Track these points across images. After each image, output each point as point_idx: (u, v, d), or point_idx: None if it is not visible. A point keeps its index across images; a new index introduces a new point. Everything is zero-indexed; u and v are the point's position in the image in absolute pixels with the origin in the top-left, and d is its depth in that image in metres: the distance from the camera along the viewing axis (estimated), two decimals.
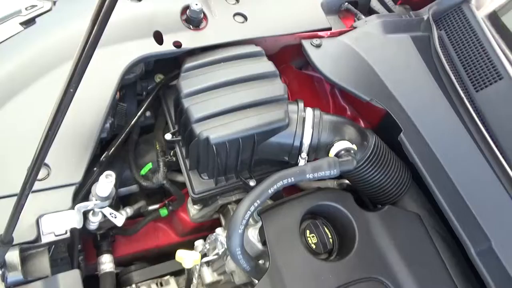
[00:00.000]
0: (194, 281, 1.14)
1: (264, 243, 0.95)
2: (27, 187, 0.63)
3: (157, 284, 1.21)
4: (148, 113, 1.25)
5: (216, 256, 1.11)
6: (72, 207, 0.80)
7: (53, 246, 0.79)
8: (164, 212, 1.26)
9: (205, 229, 1.33)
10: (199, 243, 1.15)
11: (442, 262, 0.93)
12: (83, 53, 0.53)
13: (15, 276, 0.70)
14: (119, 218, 0.90)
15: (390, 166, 1.02)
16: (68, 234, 0.77)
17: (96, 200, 0.84)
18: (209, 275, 1.14)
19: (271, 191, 0.85)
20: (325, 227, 0.95)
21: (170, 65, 1.22)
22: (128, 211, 1.21)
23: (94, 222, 0.93)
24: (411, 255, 0.92)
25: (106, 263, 1.12)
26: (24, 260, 0.72)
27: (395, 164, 1.03)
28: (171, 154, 1.14)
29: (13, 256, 0.71)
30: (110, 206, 0.93)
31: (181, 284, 1.25)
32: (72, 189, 0.82)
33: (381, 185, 1.02)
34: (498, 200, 0.89)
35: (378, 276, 0.88)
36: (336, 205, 0.95)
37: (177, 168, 1.23)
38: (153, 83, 1.20)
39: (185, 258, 0.92)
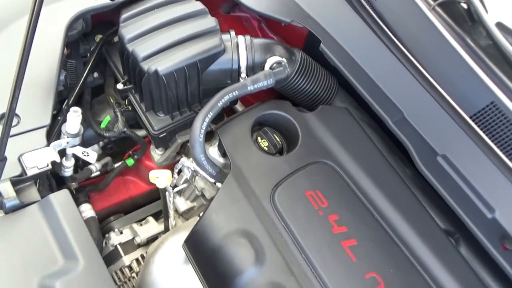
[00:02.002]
0: (171, 212, 1.27)
1: (224, 154, 1.10)
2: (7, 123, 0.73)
3: (138, 224, 1.32)
4: (95, 74, 1.34)
5: (185, 185, 1.25)
6: (48, 146, 0.89)
7: (38, 180, 0.88)
8: (130, 162, 1.37)
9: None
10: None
11: (372, 142, 1.13)
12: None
13: (11, 201, 0.79)
14: (91, 155, 1.00)
15: (318, 75, 1.19)
16: (50, 167, 0.87)
17: (67, 137, 0.93)
18: (182, 204, 1.28)
19: (220, 104, 1.00)
20: (273, 133, 1.12)
21: (108, 26, 1.32)
22: (97, 165, 1.30)
23: (68, 167, 1.03)
24: (347, 141, 1.11)
25: (87, 210, 1.22)
26: (16, 192, 0.82)
27: (321, 73, 1.21)
28: (126, 103, 1.25)
29: (5, 186, 0.80)
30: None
31: (160, 222, 1.38)
32: (43, 131, 0.91)
33: (313, 92, 1.19)
34: (404, 80, 1.09)
35: (323, 160, 1.06)
36: (278, 112, 1.12)
37: (133, 123, 1.34)
38: (94, 44, 1.29)
39: (158, 177, 1.04)
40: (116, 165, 1.40)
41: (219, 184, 1.08)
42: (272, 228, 0.94)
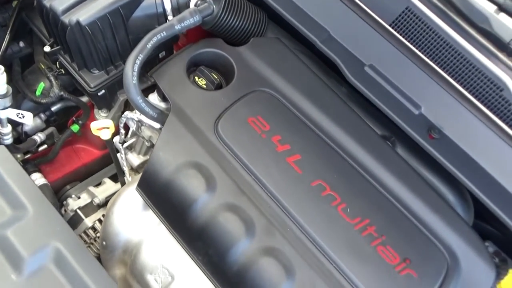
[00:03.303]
0: (126, 169, 1.28)
1: (164, 98, 1.11)
2: None
3: (95, 187, 1.33)
4: (21, 44, 1.29)
5: (134, 139, 1.25)
6: None
7: None
8: (75, 127, 1.35)
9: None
10: (116, 138, 1.28)
11: (306, 66, 1.17)
12: None
13: None
14: (27, 116, 0.99)
15: (246, 9, 1.21)
16: None
17: None
18: (135, 159, 1.29)
19: (149, 45, 0.99)
20: (210, 71, 1.13)
21: None
22: (41, 135, 1.29)
23: (5, 133, 1.01)
24: (282, 67, 1.14)
25: (37, 179, 1.21)
26: None
27: (249, 7, 1.22)
28: (58, 66, 1.22)
29: None
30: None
31: (117, 183, 1.39)
32: None
33: (244, 27, 1.21)
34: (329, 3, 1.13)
35: (260, 88, 1.10)
36: (211, 50, 1.13)
37: (72, 89, 1.32)
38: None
39: (100, 128, 1.04)
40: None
41: None
42: (219, 156, 0.97)
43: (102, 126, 1.03)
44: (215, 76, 1.12)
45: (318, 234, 0.92)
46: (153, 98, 1.12)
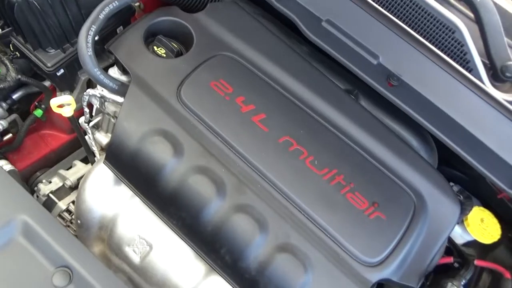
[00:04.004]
0: (95, 148, 1.27)
1: (124, 71, 1.10)
2: None
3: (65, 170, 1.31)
4: None
5: (100, 117, 1.24)
6: None
7: None
8: (39, 112, 1.32)
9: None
10: (81, 119, 1.26)
11: (266, 28, 1.17)
12: None
13: None
14: None
15: None
16: None
17: None
18: (103, 138, 1.27)
19: (102, 16, 0.98)
20: (169, 40, 1.12)
21: None
22: (3, 123, 1.25)
23: None
24: (241, 30, 1.13)
25: (3, 165, 1.18)
26: None
27: None
28: (12, 49, 1.18)
29: None
30: None
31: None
32: None
33: None
34: None
35: (220, 52, 1.10)
36: (168, 18, 1.12)
37: (32, 74, 1.28)
38: None
39: (60, 104, 1.03)
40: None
41: None
42: (184, 122, 0.97)
43: (61, 102, 1.01)
44: (174, 44, 1.11)
45: (288, 187, 0.94)
46: (113, 72, 1.10)
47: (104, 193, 1.06)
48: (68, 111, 1.04)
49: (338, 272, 0.88)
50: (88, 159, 1.28)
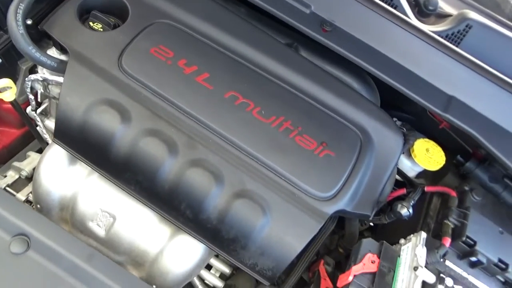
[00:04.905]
0: (46, 136, 1.25)
1: (62, 49, 1.09)
2: None
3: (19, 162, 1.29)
4: None
5: (46, 102, 1.22)
6: None
7: None
8: None
9: None
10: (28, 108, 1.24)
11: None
12: None
13: None
14: None
15: None
16: None
17: None
18: (53, 124, 1.26)
19: None
20: (104, 16, 1.12)
21: None
22: None
23: None
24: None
25: None
26: None
27: None
28: None
29: None
30: None
31: None
32: None
33: None
34: None
35: (157, 20, 1.10)
36: None
37: None
38: None
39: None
40: None
41: None
42: (128, 89, 0.98)
43: (1, 86, 1.00)
44: (111, 18, 1.11)
45: (238, 138, 0.97)
46: (52, 52, 1.09)
47: (60, 174, 1.06)
48: (9, 96, 1.02)
49: (295, 209, 0.93)
50: (42, 148, 1.26)
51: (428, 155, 1.18)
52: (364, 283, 0.85)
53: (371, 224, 1.28)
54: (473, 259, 0.99)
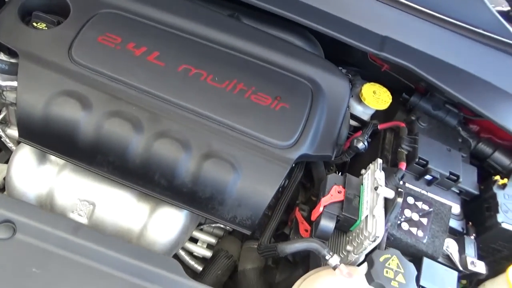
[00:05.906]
0: (11, 145, 1.26)
1: (10, 52, 1.10)
2: None
3: None
4: None
5: (4, 111, 1.23)
6: None
7: None
8: None
9: None
10: None
11: None
12: None
13: None
14: None
15: None
16: None
17: None
18: (15, 131, 1.26)
19: None
20: (46, 15, 1.14)
21: None
22: None
23: None
24: None
25: None
26: None
27: None
28: None
29: None
30: None
31: None
32: None
33: None
34: None
35: (99, 11, 1.13)
36: None
37: None
38: None
39: None
40: None
41: None
42: (84, 79, 1.02)
43: None
44: (53, 17, 1.13)
45: (198, 105, 1.03)
46: (1, 57, 1.10)
47: (31, 173, 1.08)
48: None
49: (262, 160, 1.00)
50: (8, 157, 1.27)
51: (376, 97, 1.28)
52: (334, 211, 0.93)
53: (337, 170, 1.37)
54: (428, 177, 1.10)
